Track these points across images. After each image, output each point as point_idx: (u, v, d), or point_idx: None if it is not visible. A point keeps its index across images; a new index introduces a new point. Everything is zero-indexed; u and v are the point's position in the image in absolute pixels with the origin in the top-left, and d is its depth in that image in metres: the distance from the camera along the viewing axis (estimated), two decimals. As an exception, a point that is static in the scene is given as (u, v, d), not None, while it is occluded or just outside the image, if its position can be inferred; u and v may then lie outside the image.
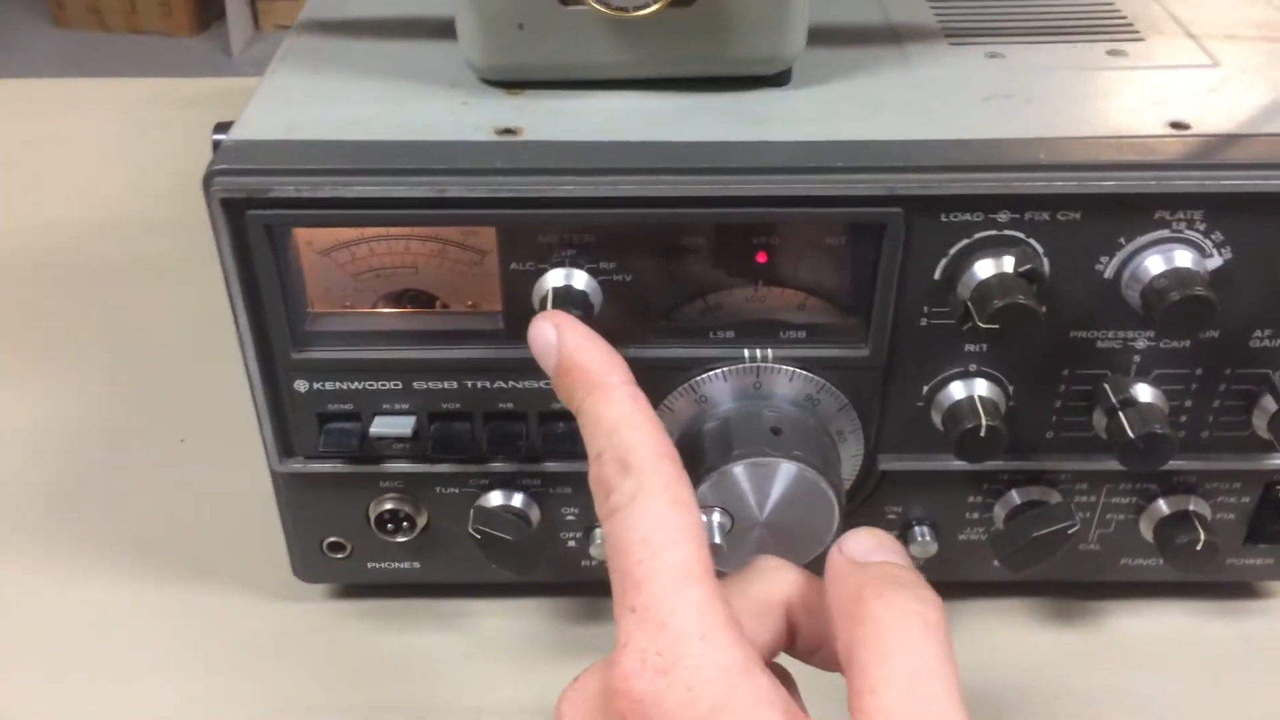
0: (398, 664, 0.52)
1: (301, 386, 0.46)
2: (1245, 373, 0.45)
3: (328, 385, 0.46)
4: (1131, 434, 0.44)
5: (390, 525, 0.50)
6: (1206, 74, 0.47)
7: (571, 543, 0.51)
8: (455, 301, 0.46)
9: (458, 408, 0.47)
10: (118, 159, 0.91)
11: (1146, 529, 0.50)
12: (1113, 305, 0.43)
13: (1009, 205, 0.41)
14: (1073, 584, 0.54)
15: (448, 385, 0.46)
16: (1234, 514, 0.50)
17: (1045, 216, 0.42)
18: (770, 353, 0.45)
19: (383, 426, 0.47)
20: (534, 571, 0.49)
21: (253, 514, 0.56)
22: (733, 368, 0.45)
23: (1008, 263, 0.42)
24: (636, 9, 0.43)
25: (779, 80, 0.47)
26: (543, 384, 0.46)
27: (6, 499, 0.60)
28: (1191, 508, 0.49)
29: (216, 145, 0.43)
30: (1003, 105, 0.45)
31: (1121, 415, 0.44)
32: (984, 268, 0.42)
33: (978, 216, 0.42)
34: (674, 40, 0.44)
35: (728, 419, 0.45)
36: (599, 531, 0.50)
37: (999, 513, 0.50)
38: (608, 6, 0.42)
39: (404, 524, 0.50)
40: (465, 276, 0.45)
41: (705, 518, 0.44)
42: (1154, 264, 0.42)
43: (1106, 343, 0.45)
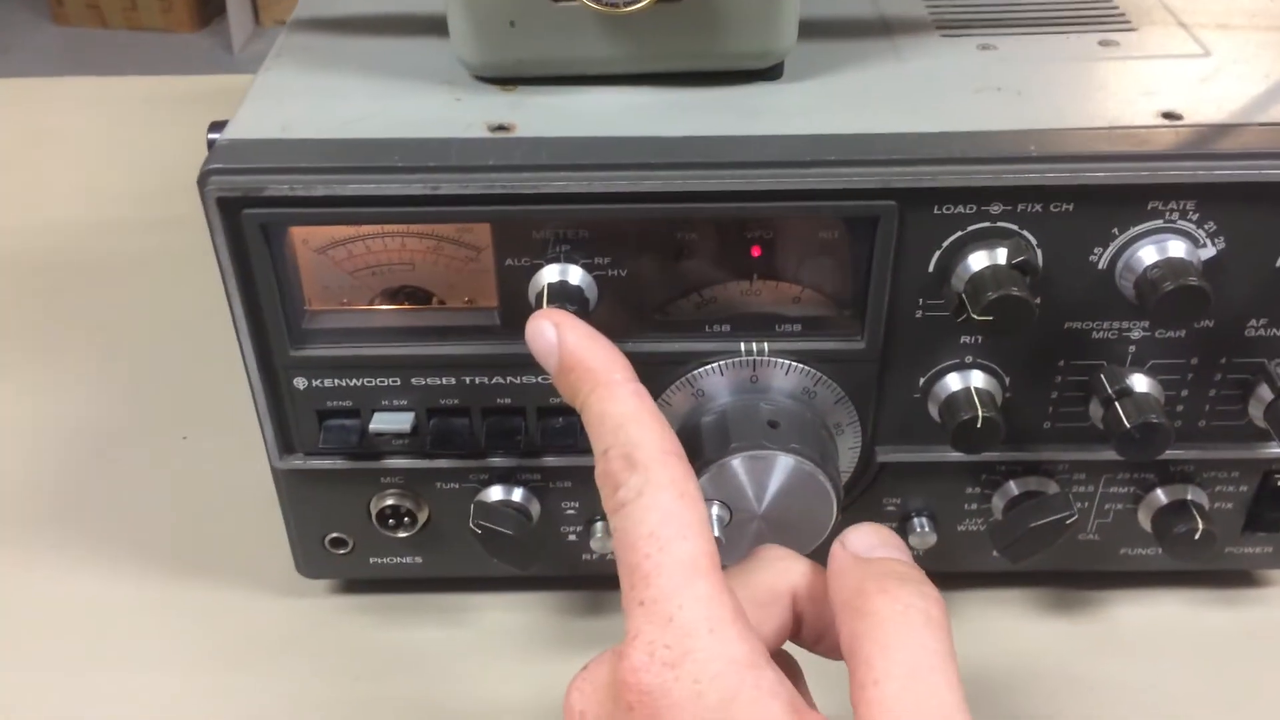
0: (400, 658, 0.52)
1: (300, 384, 0.47)
2: (1240, 362, 0.45)
3: (326, 382, 0.47)
4: (1128, 424, 0.44)
5: (391, 521, 0.51)
6: (1198, 64, 0.47)
7: (572, 537, 0.51)
8: (452, 298, 0.46)
9: (456, 403, 0.47)
10: (117, 157, 0.91)
11: (1145, 518, 0.50)
12: (1107, 296, 0.43)
13: (1002, 197, 0.41)
14: (1071, 574, 0.54)
15: (446, 381, 0.47)
16: (1232, 503, 0.50)
17: (1038, 208, 0.42)
18: (766, 346, 0.45)
19: (382, 423, 0.47)
20: (535, 566, 0.49)
21: (255, 510, 0.56)
22: (729, 361, 0.45)
23: (1001, 254, 0.42)
24: (627, 5, 0.43)
25: (771, 74, 0.47)
26: (540, 379, 0.46)
27: (8, 496, 0.60)
28: (1189, 497, 0.49)
29: (211, 144, 0.44)
30: (994, 97, 0.45)
31: (1117, 405, 0.44)
32: (977, 260, 0.42)
33: (970, 208, 0.42)
34: (665, 35, 0.44)
35: (725, 412, 0.45)
36: (599, 525, 0.50)
37: (997, 503, 0.50)
38: (599, 3, 0.43)
39: (405, 519, 0.51)
40: (461, 273, 0.45)
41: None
42: (1147, 254, 0.42)
43: (1101, 333, 0.45)
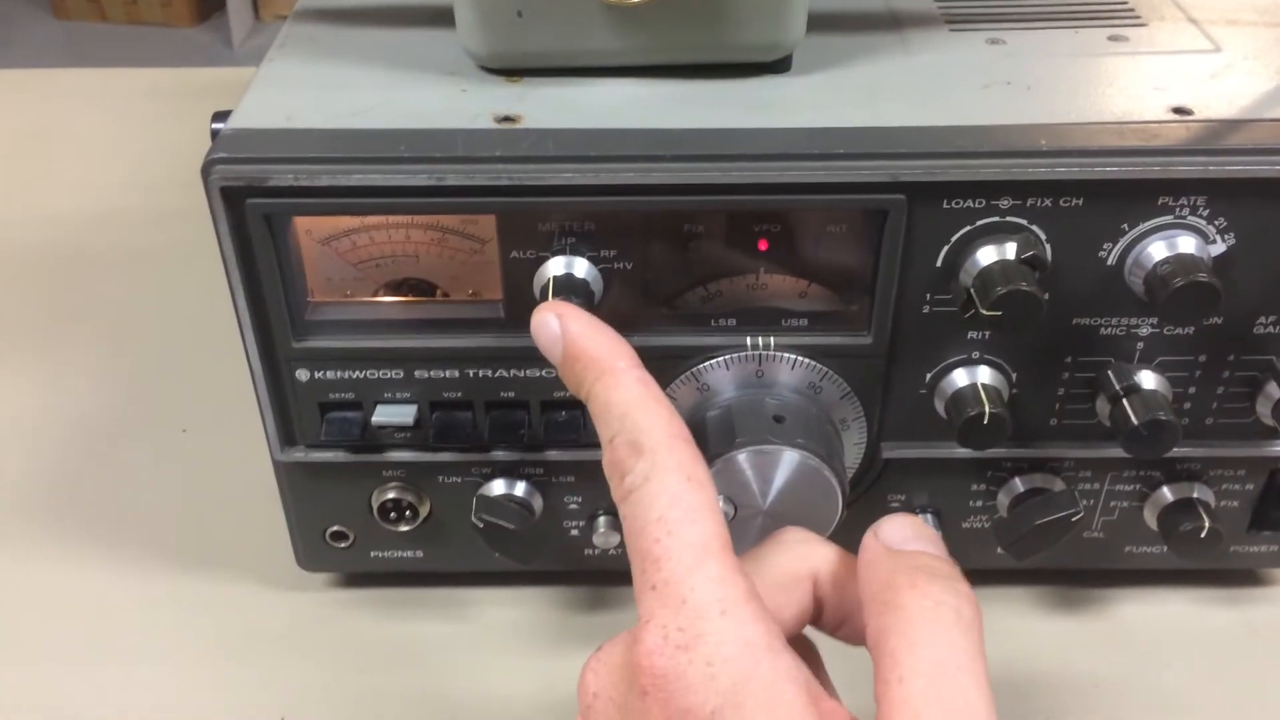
0: (401, 653, 0.52)
1: (303, 376, 0.46)
2: (1249, 359, 0.45)
3: (329, 374, 0.46)
4: (1135, 421, 0.44)
5: (393, 514, 0.50)
6: (1209, 59, 0.47)
7: (574, 531, 0.51)
8: (456, 290, 0.46)
9: (459, 396, 0.47)
10: (118, 150, 0.91)
11: (1150, 516, 0.50)
12: (1116, 292, 0.43)
13: (1011, 192, 0.41)
14: (1076, 571, 0.53)
15: (449, 374, 0.46)
16: (1238, 501, 0.50)
17: (1048, 203, 0.41)
18: (772, 340, 0.45)
19: (384, 415, 0.47)
20: (536, 560, 0.49)
21: (255, 504, 0.56)
22: (735, 355, 0.45)
23: (1010, 249, 0.42)
24: (636, -5, 0.42)
25: (779, 67, 0.46)
26: (544, 372, 0.46)
27: (8, 489, 0.60)
28: (1195, 495, 0.49)
29: (215, 134, 0.43)
30: (1004, 91, 0.45)
31: (1125, 402, 0.44)
32: (986, 254, 0.42)
33: (980, 203, 0.42)
34: (673, 27, 0.44)
35: (730, 407, 0.45)
36: (602, 520, 0.50)
37: (1002, 500, 0.50)
38: (607, -7, 0.42)
39: (406, 513, 0.50)
40: (466, 265, 0.45)
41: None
42: (1157, 250, 0.42)
43: (1110, 329, 0.45)
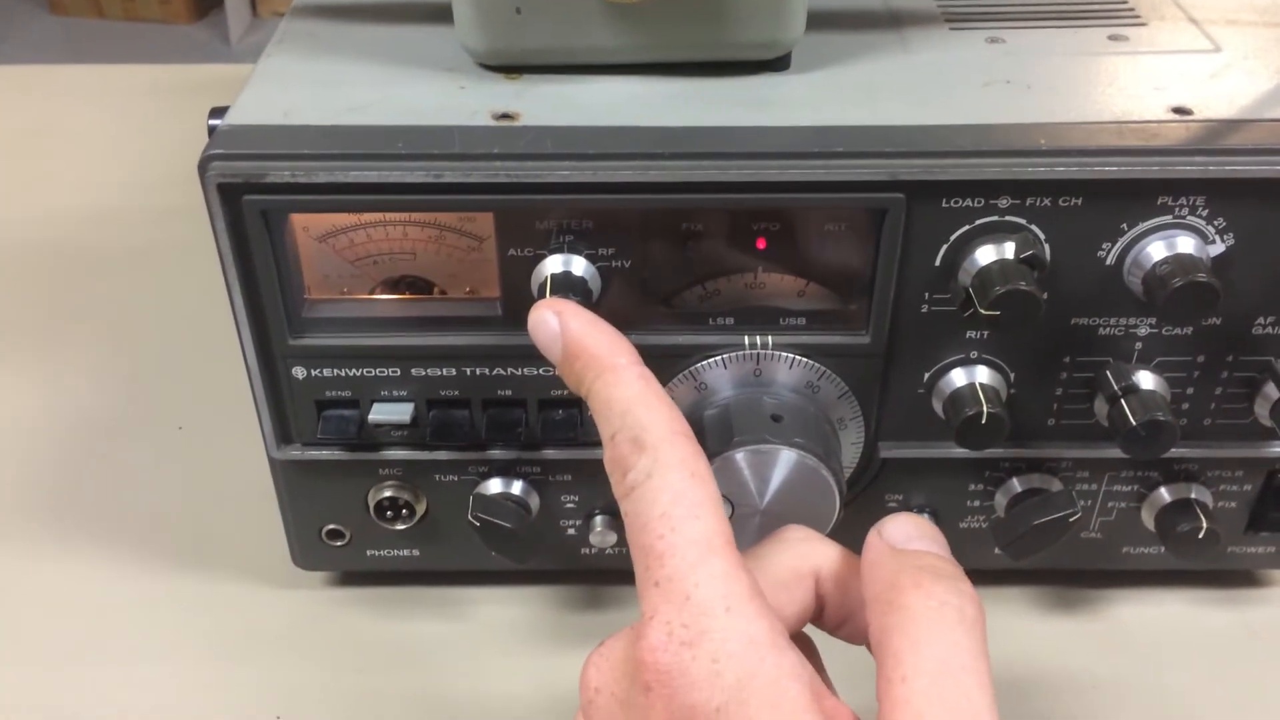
0: (397, 652, 0.52)
1: (299, 373, 0.46)
2: (1247, 360, 0.45)
3: (325, 372, 0.46)
4: (1133, 421, 0.43)
5: (389, 513, 0.50)
6: (1208, 59, 0.47)
7: (571, 530, 0.51)
8: (453, 288, 0.46)
9: (456, 395, 0.47)
10: (115, 147, 0.90)
11: (1148, 517, 0.50)
12: (1115, 292, 0.43)
13: (1010, 191, 0.41)
14: (1074, 572, 0.53)
15: (446, 372, 0.46)
16: (1236, 502, 0.50)
17: (1047, 202, 0.41)
18: (770, 339, 0.45)
19: (381, 413, 0.47)
20: (533, 559, 0.49)
21: (251, 502, 0.56)
22: (733, 354, 0.45)
23: (1009, 249, 0.41)
24: (635, -7, 0.42)
25: (778, 65, 0.46)
26: (542, 370, 0.46)
27: (6, 488, 0.60)
28: (1193, 495, 0.49)
29: (212, 130, 0.43)
30: (1003, 90, 0.45)
31: (1123, 402, 0.44)
32: (985, 254, 0.42)
33: (979, 202, 0.41)
34: (672, 24, 0.44)
35: (728, 406, 0.45)
36: (599, 519, 0.50)
37: (1000, 500, 0.50)
38: (606, -10, 0.42)
39: (403, 511, 0.50)
40: (463, 262, 0.45)
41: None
42: (1156, 250, 0.42)
43: (1108, 329, 0.44)
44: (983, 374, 0.45)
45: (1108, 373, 0.45)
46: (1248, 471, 0.49)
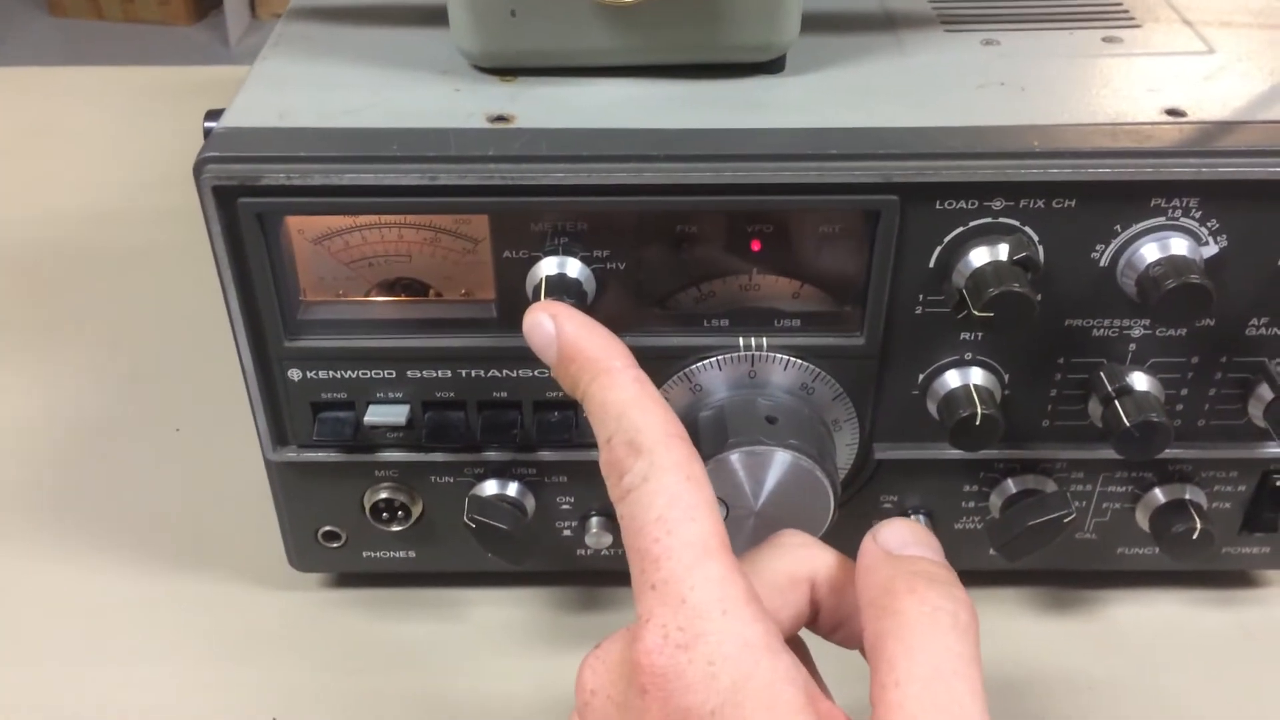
0: (393, 653, 0.52)
1: (295, 375, 0.46)
2: (1241, 361, 0.45)
3: (321, 374, 0.46)
4: (1127, 422, 0.44)
5: (385, 514, 0.50)
6: (1202, 61, 0.47)
7: (567, 532, 0.51)
8: (449, 290, 0.46)
9: (452, 396, 0.47)
10: (113, 148, 0.91)
11: (1143, 518, 0.50)
12: (1108, 293, 0.43)
13: (1004, 193, 0.41)
14: (1069, 573, 0.53)
15: (441, 374, 0.46)
16: (1230, 502, 0.50)
17: (1040, 204, 0.41)
18: (765, 341, 0.45)
19: (377, 415, 0.47)
20: (529, 561, 0.49)
21: (248, 503, 0.56)
22: (727, 356, 0.45)
23: (1002, 250, 0.42)
24: (629, -5, 0.42)
25: (773, 67, 0.46)
26: (537, 372, 0.46)
27: (3, 487, 0.60)
28: (1188, 496, 0.49)
29: (208, 133, 0.43)
30: (998, 92, 0.45)
31: (1117, 404, 0.44)
32: (979, 255, 0.42)
33: (972, 204, 0.42)
34: (667, 27, 0.44)
35: (722, 408, 0.45)
36: (594, 521, 0.50)
37: (995, 501, 0.50)
38: (601, -7, 0.42)
39: (399, 513, 0.50)
40: (459, 265, 0.45)
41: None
42: (1149, 252, 0.42)
43: (1102, 331, 0.45)
44: (977, 375, 0.46)
45: (1102, 374, 0.45)
46: (1242, 472, 0.49)
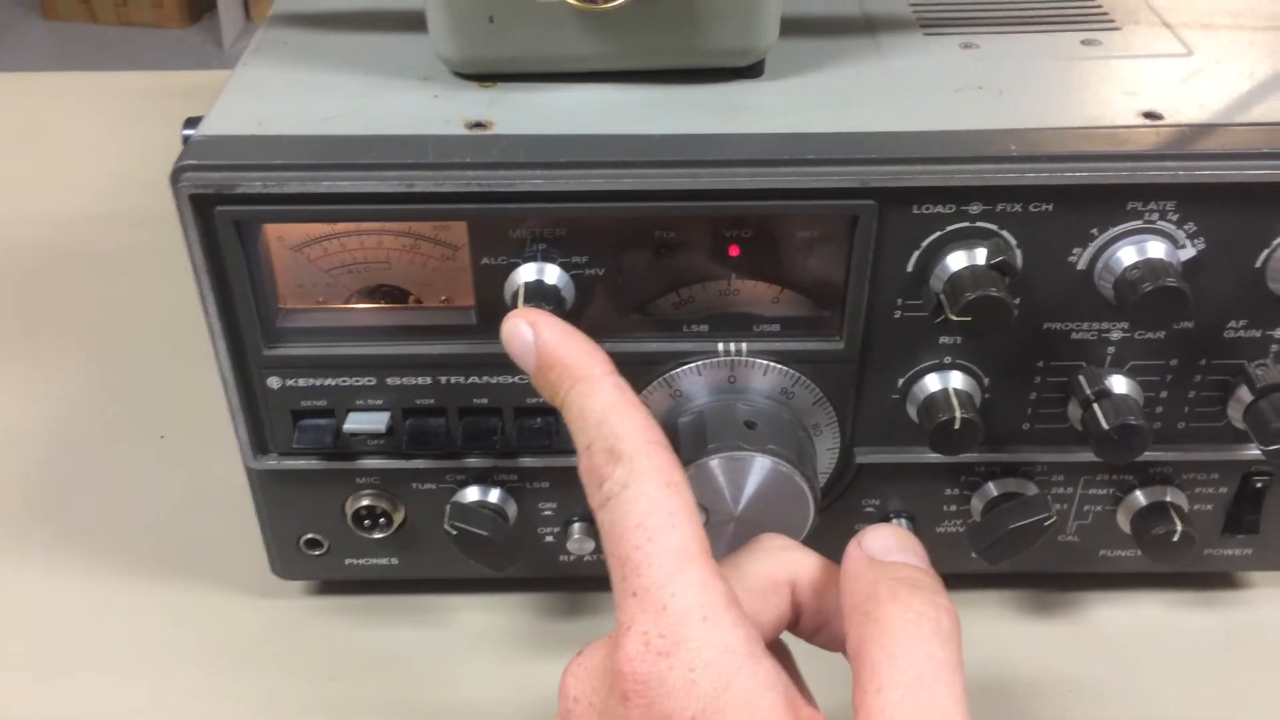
0: (377, 661, 0.52)
1: (274, 383, 0.46)
2: (1220, 363, 0.45)
3: (301, 382, 0.46)
4: (1106, 425, 0.44)
5: (367, 521, 0.50)
6: (1181, 63, 0.47)
7: (549, 538, 0.51)
8: (429, 297, 0.46)
9: (432, 403, 0.47)
10: (105, 153, 0.90)
11: (1124, 520, 0.50)
12: (1086, 297, 0.43)
13: (981, 197, 0.41)
14: (1051, 575, 0.54)
15: (421, 381, 0.46)
16: (1211, 504, 0.50)
17: (1017, 208, 0.41)
18: (744, 346, 0.45)
19: (357, 423, 0.47)
20: (511, 567, 0.49)
21: (233, 511, 0.56)
22: (707, 361, 0.45)
23: (980, 255, 0.42)
24: (606, 1, 0.42)
25: (752, 72, 0.46)
26: (517, 379, 0.46)
27: (-15, 496, 0.60)
28: (1168, 498, 0.49)
29: (187, 140, 0.43)
30: (975, 96, 0.45)
31: (1096, 407, 0.44)
32: (956, 260, 0.42)
33: (950, 208, 0.42)
34: (645, 32, 0.44)
35: (702, 413, 0.45)
36: (576, 526, 0.50)
37: (976, 505, 0.50)
38: (577, -1, 0.42)
39: (381, 520, 0.50)
40: (438, 271, 0.45)
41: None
42: (1127, 255, 0.42)
43: (1081, 334, 0.45)
44: (956, 379, 0.46)
45: (1081, 377, 0.45)
46: (1222, 474, 0.49)
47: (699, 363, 0.45)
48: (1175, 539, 0.48)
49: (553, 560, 0.52)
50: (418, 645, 0.52)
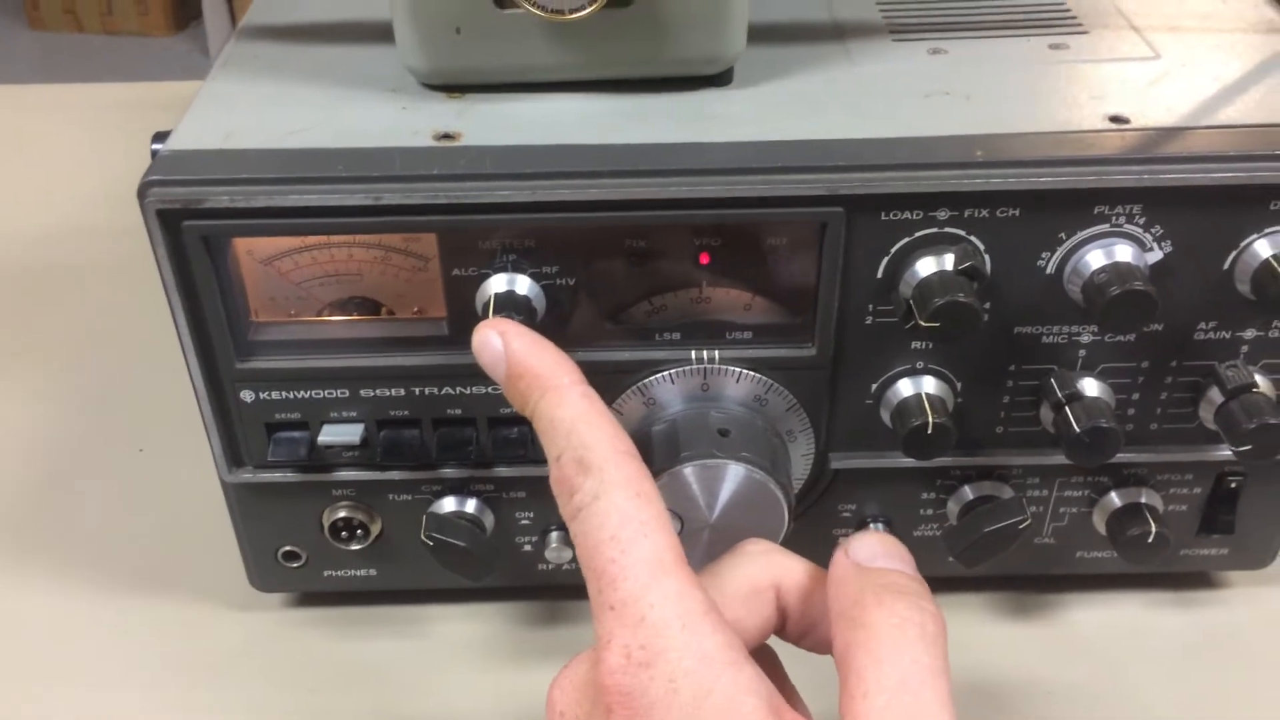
0: (357, 672, 0.51)
1: (247, 396, 0.46)
2: (1190, 365, 0.45)
3: (274, 395, 0.46)
4: (1077, 428, 0.44)
5: (344, 533, 0.50)
6: (1147, 67, 0.47)
7: (527, 547, 0.51)
8: (401, 308, 0.46)
9: (406, 414, 0.47)
10: (87, 165, 0.90)
11: (1099, 521, 0.50)
12: (1056, 301, 0.43)
13: (948, 203, 0.41)
14: (1028, 577, 0.54)
15: (395, 392, 0.46)
16: (1186, 505, 0.50)
17: (985, 213, 0.41)
18: (717, 354, 0.45)
19: (331, 435, 0.47)
20: (489, 577, 0.49)
21: (211, 524, 0.56)
22: (680, 370, 0.45)
23: (948, 260, 0.42)
24: (572, 11, 0.42)
25: (721, 80, 0.46)
26: (490, 389, 0.46)
27: (-37, 512, 0.60)
28: (1143, 500, 0.49)
29: (155, 154, 0.43)
30: (943, 102, 0.45)
31: (1067, 410, 0.44)
32: (925, 265, 0.42)
33: (917, 215, 0.42)
34: (612, 42, 0.44)
35: (675, 421, 0.45)
36: (554, 535, 0.50)
37: (952, 508, 0.50)
38: (543, 9, 0.42)
39: (358, 532, 0.50)
40: (410, 283, 0.45)
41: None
42: (1094, 259, 0.42)
43: (1051, 338, 0.45)
44: (929, 384, 0.46)
45: (1052, 380, 0.45)
46: (1196, 475, 0.49)
47: (672, 371, 0.45)
48: (1150, 540, 0.48)
49: (531, 569, 0.52)
50: (397, 656, 0.52)
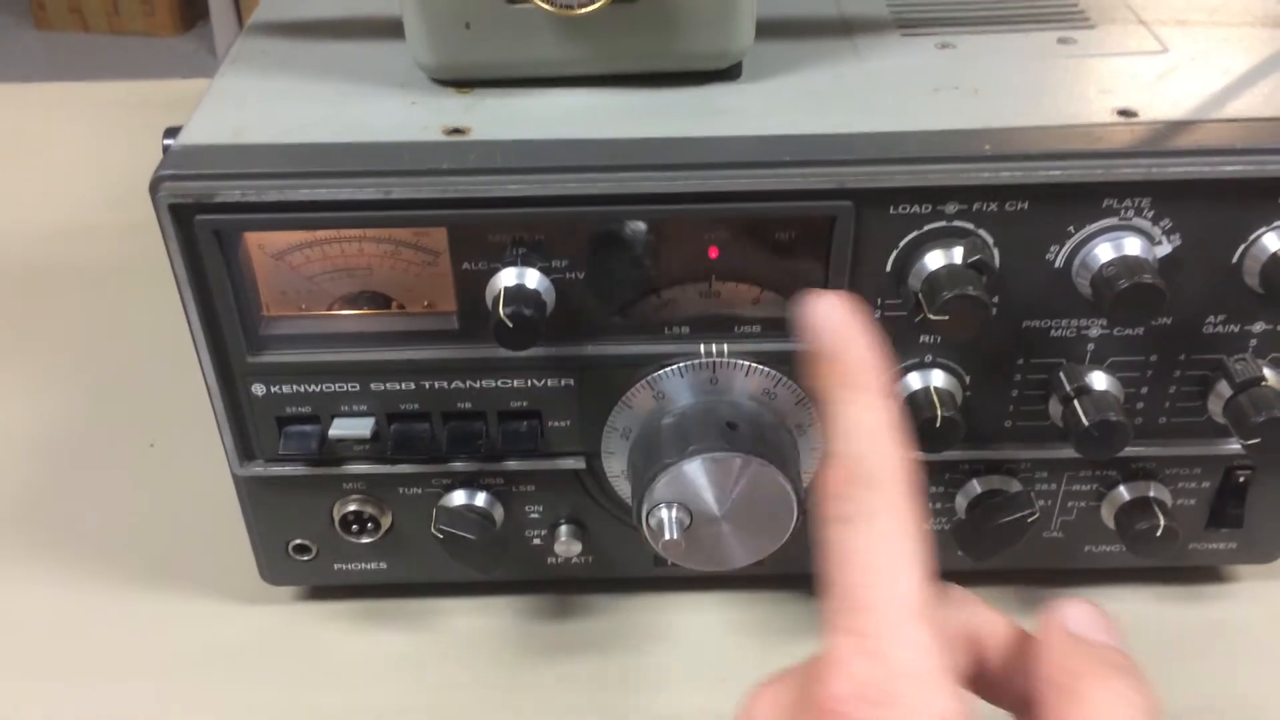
0: (367, 665, 0.52)
1: (259, 390, 0.46)
2: (1199, 358, 0.45)
3: (285, 388, 0.46)
4: (1086, 422, 0.44)
5: (354, 526, 0.51)
6: (1156, 60, 0.47)
7: (536, 541, 0.51)
8: (411, 302, 0.46)
9: (416, 408, 0.47)
10: (95, 162, 0.90)
11: (1108, 515, 0.50)
12: (1064, 294, 0.43)
13: (957, 196, 0.41)
14: (1037, 571, 0.54)
15: (405, 386, 0.46)
16: (1195, 499, 0.50)
17: (993, 207, 0.42)
18: (726, 348, 0.45)
19: (342, 428, 0.47)
20: (499, 570, 0.49)
21: (222, 517, 0.56)
22: (689, 363, 0.45)
23: (957, 254, 0.42)
24: (582, 6, 0.42)
25: (729, 74, 0.47)
26: (500, 383, 0.46)
27: (-25, 507, 0.60)
28: (1152, 494, 0.49)
29: (167, 149, 0.43)
30: (951, 96, 0.45)
31: (1076, 403, 0.44)
32: (934, 259, 0.42)
33: (926, 208, 0.42)
34: (621, 36, 0.44)
35: (684, 415, 0.45)
36: (563, 529, 0.50)
37: (960, 502, 0.50)
38: (553, 4, 0.42)
39: (368, 525, 0.50)
40: (420, 277, 0.45)
41: (664, 514, 0.44)
42: (1103, 252, 0.42)
43: (1060, 331, 0.45)
44: (938, 378, 0.46)
45: (1061, 374, 0.45)
46: (1205, 469, 0.49)
47: (681, 365, 0.45)
48: (1159, 534, 0.48)
49: (540, 563, 0.52)
50: (408, 649, 0.52)
